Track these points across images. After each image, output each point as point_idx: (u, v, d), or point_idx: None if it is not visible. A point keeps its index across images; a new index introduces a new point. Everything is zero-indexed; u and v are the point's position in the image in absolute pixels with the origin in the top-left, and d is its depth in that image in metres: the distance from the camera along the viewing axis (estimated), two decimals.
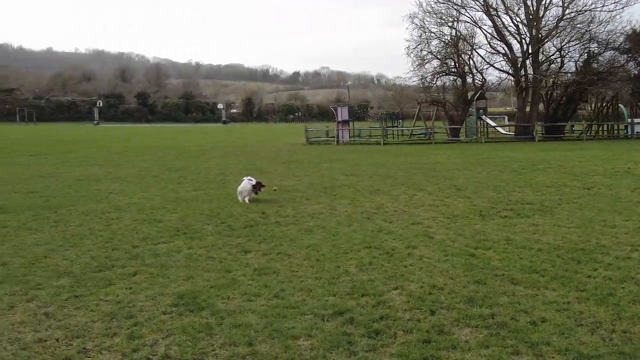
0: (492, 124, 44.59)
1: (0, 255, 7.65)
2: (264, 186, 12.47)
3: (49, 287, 6.20)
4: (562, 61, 40.38)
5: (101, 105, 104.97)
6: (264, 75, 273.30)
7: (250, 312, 5.41)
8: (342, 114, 39.82)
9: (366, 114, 50.85)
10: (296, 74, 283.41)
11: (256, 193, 12.30)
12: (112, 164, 21.76)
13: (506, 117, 70.52)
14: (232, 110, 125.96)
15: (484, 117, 42.65)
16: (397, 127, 43.41)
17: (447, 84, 42.25)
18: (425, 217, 10.24)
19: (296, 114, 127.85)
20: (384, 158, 24.25)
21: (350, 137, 39.36)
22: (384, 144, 37.03)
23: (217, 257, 7.51)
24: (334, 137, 40.20)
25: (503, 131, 44.56)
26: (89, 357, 4.53)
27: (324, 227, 9.39)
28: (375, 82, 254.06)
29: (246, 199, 11.99)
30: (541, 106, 42.05)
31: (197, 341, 4.74)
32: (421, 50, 40.66)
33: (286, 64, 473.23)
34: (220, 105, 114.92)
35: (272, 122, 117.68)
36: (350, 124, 40.73)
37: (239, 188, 12.25)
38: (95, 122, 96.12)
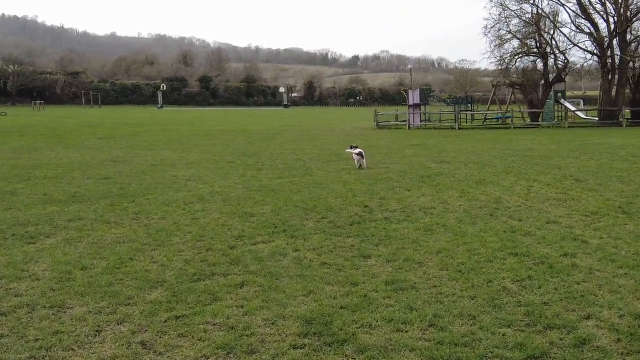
0: (572, 107, 41.95)
1: (79, 255, 6.55)
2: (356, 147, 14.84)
3: (142, 303, 5.01)
4: None
5: (164, 88, 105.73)
6: (323, 59, 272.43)
7: (408, 349, 4.07)
8: (414, 97, 38.04)
9: (432, 97, 48.82)
10: (355, 57, 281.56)
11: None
12: (183, 148, 20.83)
13: (581, 101, 66.99)
14: (293, 94, 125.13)
15: (562, 100, 40.17)
16: (471, 110, 41.25)
17: (527, 65, 39.78)
18: (558, 214, 8.68)
19: (357, 97, 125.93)
20: (467, 143, 22.54)
21: (420, 121, 37.63)
22: (459, 128, 35.14)
23: (333, 263, 6.21)
24: (404, 121, 38.54)
25: (583, 115, 41.92)
26: None
27: (444, 225, 7.97)
28: (436, 65, 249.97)
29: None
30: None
31: None
32: (499, 30, 38.36)
33: (345, 48, 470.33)
34: (281, 89, 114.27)
35: (333, 106, 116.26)
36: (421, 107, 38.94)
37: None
38: (159, 105, 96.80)
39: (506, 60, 38.75)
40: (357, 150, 14.47)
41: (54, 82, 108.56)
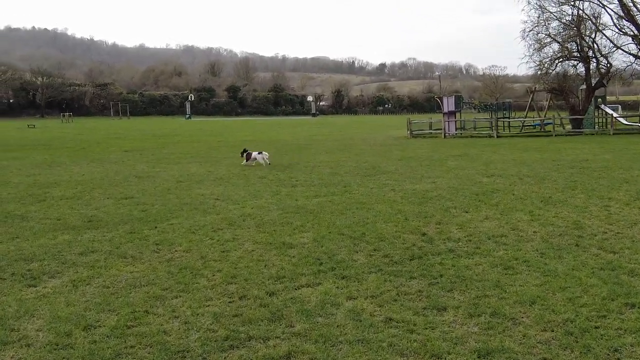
0: (615, 114, 39.91)
1: (84, 306, 5.32)
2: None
3: None
4: None
5: (193, 99, 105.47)
6: (350, 67, 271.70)
7: None
8: (449, 104, 36.49)
9: (467, 104, 47.08)
10: (382, 65, 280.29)
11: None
12: (211, 161, 19.69)
13: (619, 107, 64.53)
14: (320, 103, 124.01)
15: (602, 106, 38.21)
16: (509, 118, 39.47)
17: (567, 70, 37.95)
18: None
19: (386, 105, 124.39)
20: (511, 153, 21.01)
21: (456, 129, 36.04)
22: (498, 136, 33.50)
23: (400, 319, 4.89)
24: (438, 129, 36.99)
25: (625, 122, 39.87)
26: None
27: (525, 260, 6.58)
28: (464, 72, 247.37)
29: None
30: None
31: None
32: (538, 33, 36.64)
33: (371, 56, 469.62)
34: (309, 98, 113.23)
35: (361, 114, 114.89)
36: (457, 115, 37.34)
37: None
38: (187, 115, 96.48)
39: (546, 65, 36.98)
40: (258, 153, 18.03)
41: (82, 93, 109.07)
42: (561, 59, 36.88)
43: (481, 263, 6.52)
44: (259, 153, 18.18)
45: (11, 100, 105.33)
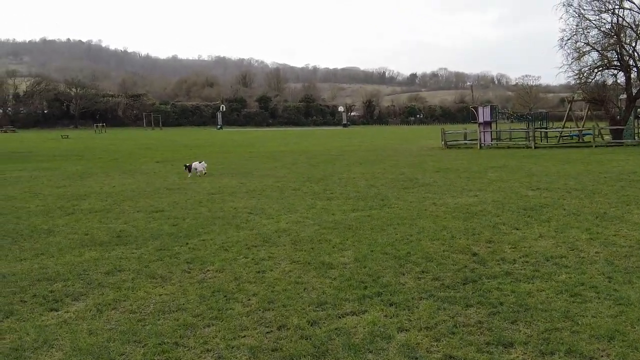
0: None
1: (108, 336, 4.84)
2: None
3: None
4: None
5: (224, 109, 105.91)
6: (380, 78, 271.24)
7: None
8: (484, 114, 35.65)
9: (502, 114, 46.07)
10: (413, 75, 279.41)
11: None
12: (243, 173, 19.28)
13: None
14: (351, 113, 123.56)
15: None
16: (546, 128, 38.42)
17: (606, 79, 36.78)
18: None
19: (417, 115, 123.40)
20: (553, 165, 20.17)
21: (491, 139, 35.16)
22: (535, 147, 32.53)
23: (463, 357, 4.30)
24: (473, 140, 36.13)
25: None
26: None
27: (593, 286, 5.92)
28: (496, 82, 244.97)
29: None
30: None
31: None
32: (577, 42, 35.58)
33: (402, 66, 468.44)
34: (340, 108, 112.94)
35: (393, 125, 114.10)
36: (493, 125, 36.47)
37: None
38: (219, 126, 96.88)
39: (585, 74, 35.88)
40: (200, 164, 18.66)
41: (116, 104, 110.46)
42: (600, 68, 35.76)
43: (543, 289, 5.89)
44: (199, 163, 18.77)
45: (45, 111, 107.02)
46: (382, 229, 9.15)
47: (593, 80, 36.18)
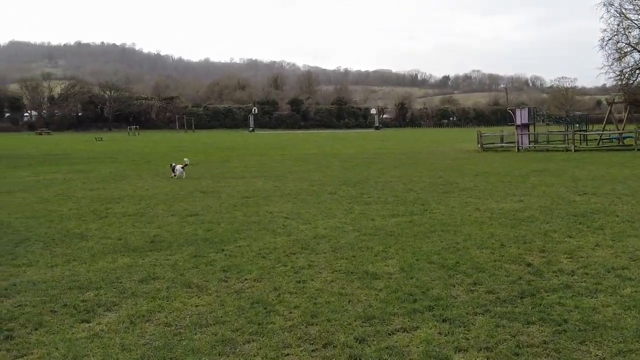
0: None
1: (142, 352, 4.51)
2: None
3: None
4: None
5: (256, 112, 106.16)
6: (412, 80, 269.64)
7: None
8: (522, 116, 34.81)
9: (540, 116, 45.00)
10: (445, 78, 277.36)
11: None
12: (277, 176, 18.96)
13: None
14: (384, 116, 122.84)
15: None
16: (585, 130, 37.39)
17: None
18: None
19: (451, 118, 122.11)
20: (597, 169, 19.44)
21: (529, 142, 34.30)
22: (575, 150, 31.63)
23: None
24: (510, 142, 35.30)
25: None
26: None
27: None
28: (530, 84, 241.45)
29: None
30: None
31: None
32: (618, 42, 34.65)
33: (434, 69, 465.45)
34: (373, 111, 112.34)
35: (425, 127, 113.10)
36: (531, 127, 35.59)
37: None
38: (251, 128, 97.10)
39: (626, 75, 34.91)
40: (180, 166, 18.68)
41: (149, 107, 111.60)
42: None
43: (609, 304, 5.40)
44: (182, 167, 18.74)
45: (80, 114, 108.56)
46: (425, 236, 8.70)
47: (635, 81, 35.20)
